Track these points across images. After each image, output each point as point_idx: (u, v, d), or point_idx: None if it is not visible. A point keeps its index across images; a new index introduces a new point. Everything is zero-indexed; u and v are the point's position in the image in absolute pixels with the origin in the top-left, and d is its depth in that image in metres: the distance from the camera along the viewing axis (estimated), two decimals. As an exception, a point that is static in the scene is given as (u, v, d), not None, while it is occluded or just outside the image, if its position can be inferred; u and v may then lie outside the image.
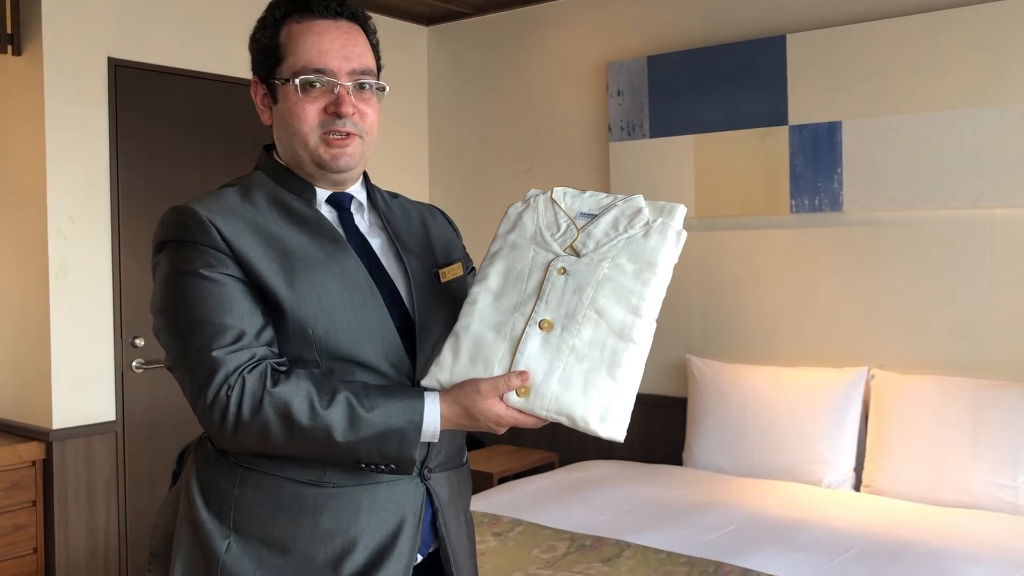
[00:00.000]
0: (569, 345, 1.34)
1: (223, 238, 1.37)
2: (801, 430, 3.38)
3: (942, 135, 3.28)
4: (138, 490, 3.56)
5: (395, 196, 1.65)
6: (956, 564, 2.50)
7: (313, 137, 1.45)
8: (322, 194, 1.50)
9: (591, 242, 1.41)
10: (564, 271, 1.39)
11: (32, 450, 3.31)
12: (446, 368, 1.38)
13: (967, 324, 3.30)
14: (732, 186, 3.75)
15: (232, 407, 1.32)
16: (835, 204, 3.50)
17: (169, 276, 1.39)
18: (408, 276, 1.50)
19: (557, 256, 1.41)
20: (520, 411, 1.35)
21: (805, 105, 3.56)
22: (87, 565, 3.43)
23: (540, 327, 1.36)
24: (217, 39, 3.76)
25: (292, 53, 1.45)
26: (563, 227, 1.44)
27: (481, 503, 3.12)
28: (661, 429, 3.95)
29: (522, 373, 1.34)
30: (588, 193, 1.46)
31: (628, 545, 2.67)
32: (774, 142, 3.63)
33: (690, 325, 3.87)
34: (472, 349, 1.38)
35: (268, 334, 1.38)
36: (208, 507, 1.42)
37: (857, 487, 3.32)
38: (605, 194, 1.46)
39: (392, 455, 1.34)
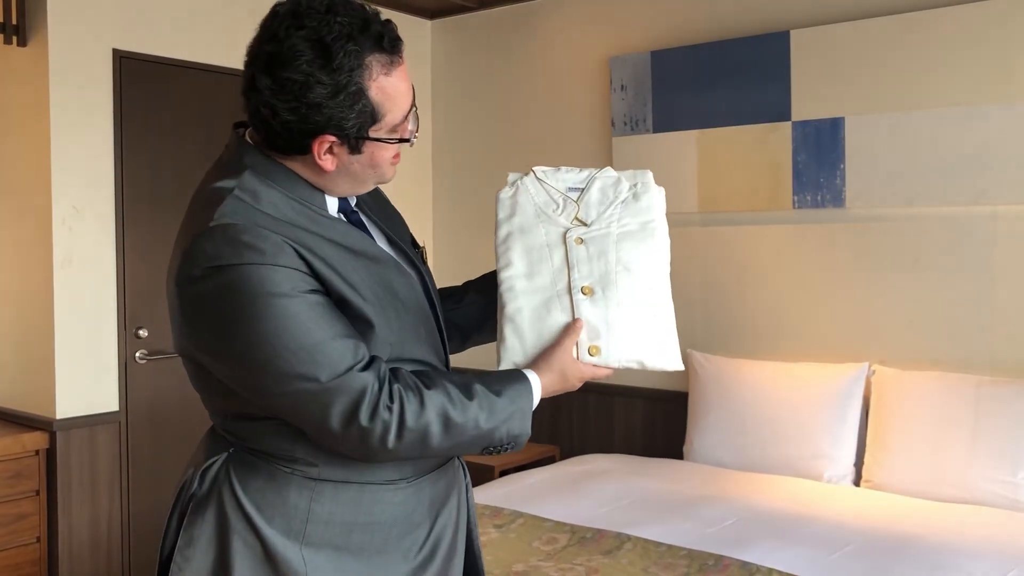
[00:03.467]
0: (615, 300, 1.52)
1: (301, 257, 1.31)
2: (802, 425, 3.39)
3: (945, 132, 3.29)
4: (141, 480, 3.58)
5: None
6: (956, 559, 2.51)
7: (389, 167, 1.43)
8: (331, 201, 1.44)
9: (592, 211, 1.58)
10: (582, 240, 1.55)
11: (36, 440, 3.32)
12: (518, 351, 1.52)
13: (968, 320, 3.30)
14: (735, 181, 3.76)
15: (395, 419, 1.31)
16: (837, 200, 3.51)
17: (255, 302, 1.27)
18: (418, 268, 1.52)
19: (568, 229, 1.56)
20: (595, 365, 1.51)
21: (808, 101, 3.56)
22: (90, 554, 3.44)
23: (583, 293, 1.51)
24: (223, 31, 3.77)
25: (391, 110, 1.36)
26: (560, 203, 1.59)
27: (483, 495, 3.13)
28: (662, 423, 3.96)
29: (576, 320, 1.50)
30: (563, 169, 1.63)
31: (629, 538, 2.68)
32: (777, 138, 3.64)
33: (692, 320, 3.87)
34: (535, 327, 1.51)
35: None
36: (272, 524, 1.38)
37: (857, 482, 3.32)
38: (576, 168, 1.63)
39: (515, 432, 1.43)
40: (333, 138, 1.34)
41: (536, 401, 1.46)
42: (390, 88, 1.35)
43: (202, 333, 1.34)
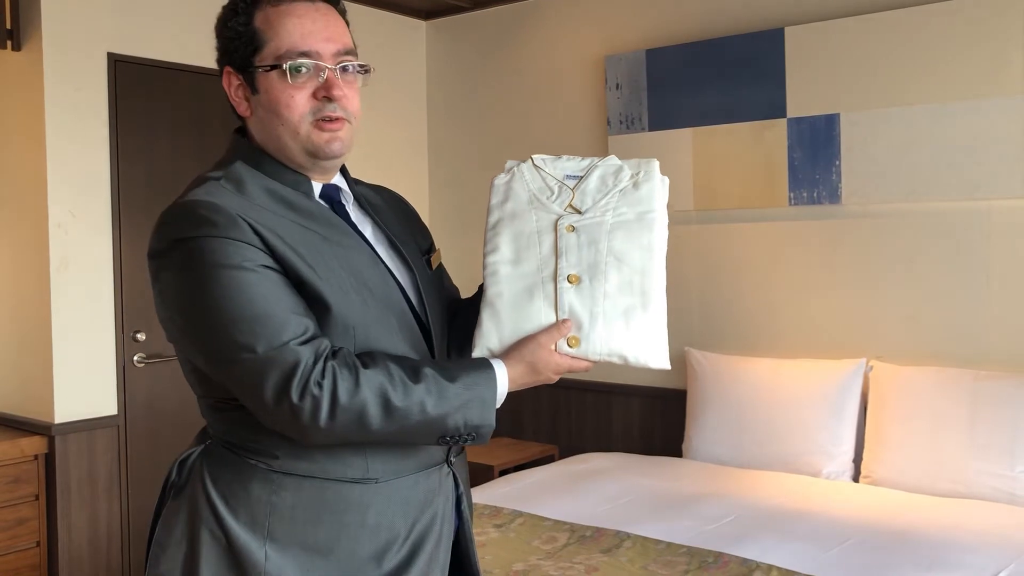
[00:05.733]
0: (602, 291, 1.45)
1: (256, 233, 1.32)
2: (800, 421, 3.39)
3: (940, 127, 3.29)
4: (140, 484, 3.58)
5: (357, 182, 1.61)
6: (954, 553, 2.52)
7: (304, 125, 1.40)
8: (315, 187, 1.47)
9: (588, 199, 1.51)
10: (573, 228, 1.48)
11: (34, 444, 3.32)
12: (492, 336, 1.46)
13: (965, 315, 3.31)
14: (731, 179, 3.76)
15: (326, 396, 1.28)
16: (833, 196, 3.51)
17: (204, 272, 1.30)
18: (410, 266, 1.51)
19: (561, 216, 1.50)
20: (573, 357, 1.45)
21: (803, 98, 3.57)
22: (90, 558, 3.44)
23: (569, 281, 1.45)
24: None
25: (273, 38, 1.39)
26: (555, 190, 1.53)
27: (482, 495, 3.13)
28: (660, 421, 3.97)
29: (566, 321, 1.44)
30: (564, 157, 1.56)
31: (628, 536, 2.68)
32: (772, 135, 3.64)
33: (689, 318, 3.88)
34: (513, 312, 1.45)
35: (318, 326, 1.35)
36: (237, 517, 1.37)
37: (856, 478, 3.33)
38: (579, 157, 1.56)
39: (475, 423, 1.37)
40: (231, 69, 1.44)
41: (501, 392, 1.40)
42: (274, 16, 1.40)
43: (166, 305, 1.38)
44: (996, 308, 3.26)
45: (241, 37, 1.41)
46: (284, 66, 1.38)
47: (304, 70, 1.39)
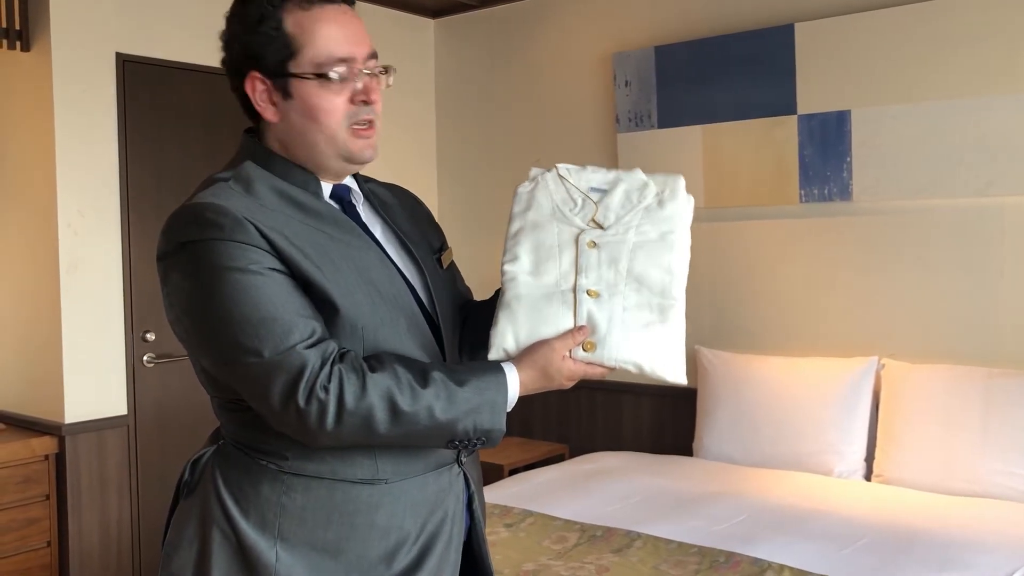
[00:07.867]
0: (621, 305, 1.44)
1: (263, 235, 1.32)
2: (812, 420, 3.37)
3: (952, 123, 3.27)
4: (150, 483, 3.58)
5: (368, 180, 1.61)
6: (967, 553, 2.50)
7: (342, 130, 1.40)
8: (325, 187, 1.47)
9: (611, 215, 1.49)
10: (594, 244, 1.47)
11: (45, 444, 3.33)
12: (509, 337, 1.44)
13: (977, 313, 3.28)
14: (741, 176, 3.74)
15: (332, 401, 1.28)
16: (844, 193, 3.49)
17: (211, 275, 1.30)
18: (420, 266, 1.50)
19: (583, 230, 1.48)
20: (588, 363, 1.43)
21: (814, 94, 3.55)
22: (100, 558, 3.45)
23: (588, 295, 1.44)
24: (224, 33, 3.76)
25: (309, 44, 1.37)
26: (579, 202, 1.51)
27: (492, 495, 3.13)
28: (671, 420, 3.95)
29: (583, 328, 1.43)
30: (590, 168, 1.55)
31: (639, 535, 2.67)
32: (783, 132, 3.62)
33: (700, 316, 3.86)
34: (531, 314, 1.44)
35: (325, 327, 1.35)
36: (247, 517, 1.37)
37: (868, 477, 3.31)
38: (604, 168, 1.54)
39: (484, 428, 1.37)
40: (258, 74, 1.40)
41: (512, 396, 1.39)
42: (307, 22, 1.38)
43: (173, 307, 1.38)
44: (1009, 305, 3.23)
45: (273, 43, 1.38)
46: (330, 74, 1.37)
47: (345, 77, 1.39)
